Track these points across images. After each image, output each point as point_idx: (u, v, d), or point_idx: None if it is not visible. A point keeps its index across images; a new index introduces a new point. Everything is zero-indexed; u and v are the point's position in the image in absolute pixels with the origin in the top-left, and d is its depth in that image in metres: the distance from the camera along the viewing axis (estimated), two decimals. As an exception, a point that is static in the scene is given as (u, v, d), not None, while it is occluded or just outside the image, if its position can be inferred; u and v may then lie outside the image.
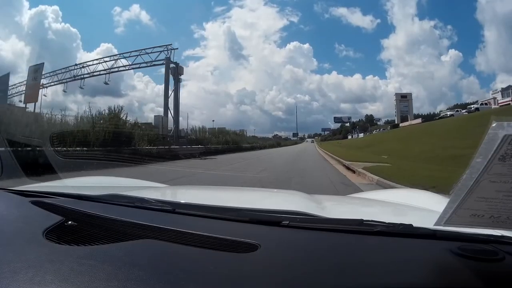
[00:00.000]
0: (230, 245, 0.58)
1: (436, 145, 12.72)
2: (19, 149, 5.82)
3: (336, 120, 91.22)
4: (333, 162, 11.21)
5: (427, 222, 0.56)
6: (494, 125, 0.33)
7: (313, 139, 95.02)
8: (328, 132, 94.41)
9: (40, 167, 3.49)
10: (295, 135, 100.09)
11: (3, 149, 2.50)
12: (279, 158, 14.35)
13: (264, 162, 11.81)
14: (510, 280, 0.48)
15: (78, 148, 8.24)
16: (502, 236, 0.55)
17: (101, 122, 11.21)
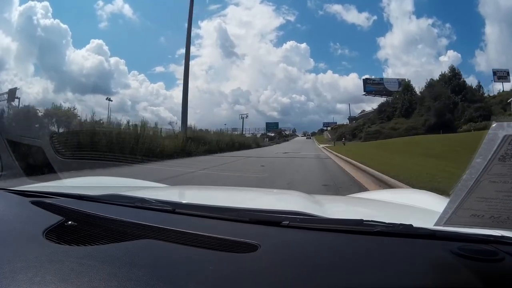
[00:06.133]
0: (230, 245, 0.58)
1: None
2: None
3: (371, 85, 40.56)
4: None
5: (427, 222, 0.56)
6: (494, 125, 0.34)
7: (309, 135, 64.73)
8: (327, 127, 58.25)
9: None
10: (271, 129, 57.63)
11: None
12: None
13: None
14: (510, 280, 0.48)
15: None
16: (502, 236, 0.55)
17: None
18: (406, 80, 38.71)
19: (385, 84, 41.70)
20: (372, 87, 42.07)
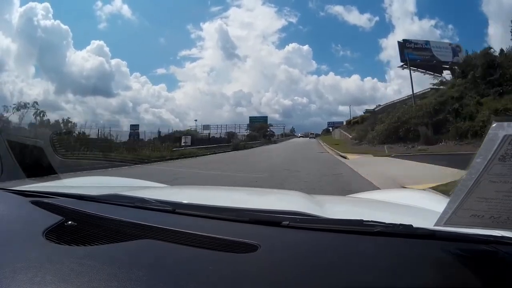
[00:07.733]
0: (230, 246, 0.58)
1: None
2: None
3: (413, 51, 22.24)
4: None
5: (427, 222, 0.56)
6: (494, 125, 0.34)
7: (313, 134, 52.27)
8: (332, 127, 48.04)
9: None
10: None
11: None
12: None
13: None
14: (510, 280, 0.48)
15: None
16: (502, 237, 0.55)
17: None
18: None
19: (434, 50, 23.46)
20: (415, 54, 23.52)
